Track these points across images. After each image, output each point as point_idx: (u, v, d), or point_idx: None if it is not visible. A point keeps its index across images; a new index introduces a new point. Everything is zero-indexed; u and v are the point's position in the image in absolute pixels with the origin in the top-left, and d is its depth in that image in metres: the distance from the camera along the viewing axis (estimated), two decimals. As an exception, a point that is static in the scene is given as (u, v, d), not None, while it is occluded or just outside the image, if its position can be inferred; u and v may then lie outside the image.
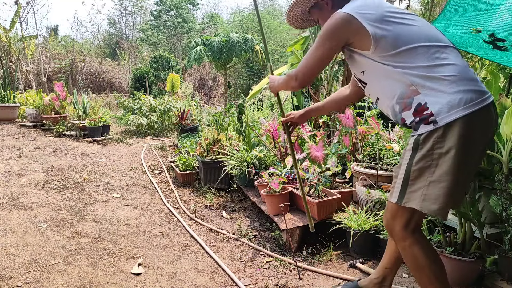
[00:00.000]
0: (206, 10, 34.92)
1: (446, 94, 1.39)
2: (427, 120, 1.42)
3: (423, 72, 1.44)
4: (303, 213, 3.13)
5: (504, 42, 2.82)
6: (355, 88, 2.02)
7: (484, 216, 2.37)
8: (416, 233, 1.55)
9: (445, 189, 1.40)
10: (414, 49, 1.48)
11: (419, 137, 1.44)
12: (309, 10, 1.88)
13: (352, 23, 1.53)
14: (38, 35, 13.67)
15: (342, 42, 1.61)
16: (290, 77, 1.82)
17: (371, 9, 1.54)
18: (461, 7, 2.90)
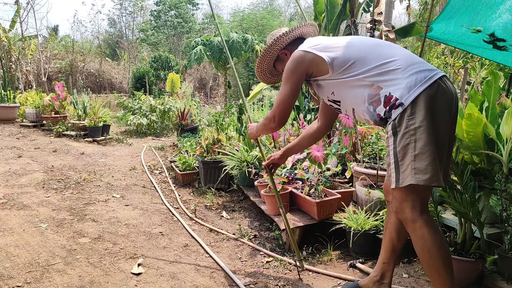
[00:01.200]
0: (206, 10, 34.91)
1: (403, 79, 1.60)
2: (395, 105, 1.61)
3: (377, 70, 1.67)
4: (303, 213, 3.13)
5: (504, 42, 2.82)
6: (323, 120, 2.20)
7: (484, 216, 2.37)
8: (424, 214, 1.62)
9: (429, 157, 1.54)
10: (362, 57, 1.72)
11: (394, 121, 1.61)
12: (274, 64, 2.15)
13: (307, 56, 1.81)
14: (38, 35, 13.66)
15: (304, 74, 1.85)
16: (268, 120, 1.99)
17: (318, 42, 1.84)
18: (461, 7, 2.90)
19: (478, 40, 3.05)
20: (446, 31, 3.35)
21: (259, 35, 18.18)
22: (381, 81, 1.65)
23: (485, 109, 2.47)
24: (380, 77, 1.65)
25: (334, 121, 2.23)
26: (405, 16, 28.66)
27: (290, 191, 3.27)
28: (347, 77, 1.74)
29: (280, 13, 26.73)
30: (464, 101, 4.97)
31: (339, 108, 1.92)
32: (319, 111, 2.21)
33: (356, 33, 4.53)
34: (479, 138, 2.28)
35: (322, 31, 4.95)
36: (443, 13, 3.11)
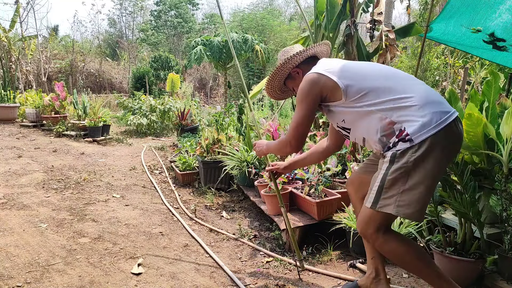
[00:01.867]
0: (206, 10, 34.91)
1: (418, 117, 1.60)
2: (404, 139, 1.61)
3: (393, 104, 1.65)
4: (303, 213, 3.13)
5: (504, 42, 2.82)
6: (333, 140, 2.19)
7: (484, 216, 2.37)
8: (386, 233, 1.68)
9: (418, 195, 1.59)
10: (378, 88, 1.70)
11: (396, 151, 1.62)
12: (284, 81, 2.11)
13: (321, 79, 1.78)
14: (38, 35, 13.65)
15: (318, 96, 1.81)
16: (283, 144, 1.96)
17: (333, 66, 1.81)
18: (461, 6, 2.90)
19: (478, 40, 3.05)
20: (446, 31, 3.35)
21: (259, 35, 18.16)
22: (396, 116, 1.64)
23: (485, 109, 2.47)
24: (395, 112, 1.64)
25: (343, 142, 2.20)
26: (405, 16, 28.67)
27: (290, 191, 3.27)
28: (360, 107, 1.72)
29: (280, 13, 26.72)
30: (464, 101, 4.97)
31: (347, 135, 1.90)
32: (329, 131, 2.19)
33: (356, 33, 4.53)
34: (479, 138, 2.28)
35: (322, 31, 4.95)
36: (443, 13, 3.11)
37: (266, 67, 16.00)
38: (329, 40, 4.87)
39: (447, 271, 2.17)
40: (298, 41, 5.59)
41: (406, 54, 13.04)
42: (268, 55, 13.28)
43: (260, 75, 17.34)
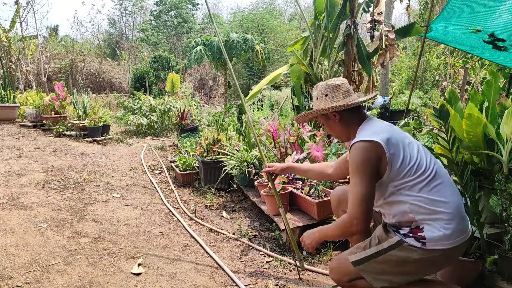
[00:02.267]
0: (206, 10, 34.91)
1: (441, 227, 1.58)
2: (418, 238, 1.60)
3: (424, 204, 1.60)
4: (303, 213, 3.13)
5: (504, 42, 2.82)
6: (338, 173, 2.15)
7: (484, 216, 2.37)
8: (360, 281, 1.74)
9: (397, 280, 1.67)
10: (415, 178, 1.62)
11: (405, 243, 1.62)
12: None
13: (377, 147, 1.63)
14: (38, 35, 13.66)
15: (375, 167, 1.64)
16: (346, 224, 1.67)
17: (388, 133, 1.67)
18: (461, 6, 2.90)
19: (478, 40, 3.05)
20: (446, 31, 3.35)
21: (259, 35, 18.16)
22: (422, 217, 1.60)
23: (485, 109, 2.47)
24: (422, 214, 1.60)
25: (347, 175, 2.13)
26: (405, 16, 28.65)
27: (290, 191, 3.27)
28: (392, 191, 1.66)
29: (280, 13, 26.72)
30: (464, 101, 4.97)
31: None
32: (338, 162, 2.12)
33: (356, 33, 4.53)
34: (479, 138, 2.28)
35: (322, 31, 4.95)
36: (443, 13, 3.11)
37: (266, 67, 16.00)
38: (329, 40, 4.88)
39: (447, 271, 2.18)
40: (298, 41, 5.60)
41: (406, 54, 13.04)
42: (268, 55, 13.27)
43: (260, 75, 17.34)
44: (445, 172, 1.71)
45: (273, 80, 5.42)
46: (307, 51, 5.39)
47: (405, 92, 10.72)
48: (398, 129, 1.81)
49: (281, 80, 14.59)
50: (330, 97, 1.84)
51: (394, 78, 13.06)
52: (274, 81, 5.46)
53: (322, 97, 1.87)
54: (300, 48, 5.53)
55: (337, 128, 1.89)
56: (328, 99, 1.84)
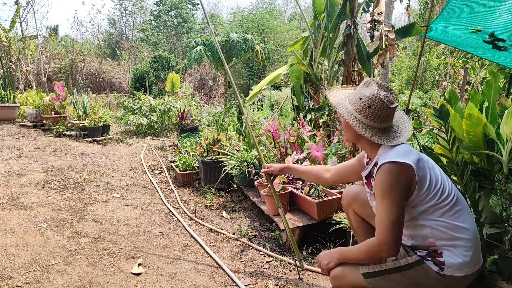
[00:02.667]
0: (206, 10, 34.91)
1: (461, 256, 1.55)
2: (436, 263, 1.57)
3: (446, 229, 1.56)
4: (303, 213, 3.13)
5: (504, 42, 2.81)
6: (335, 179, 2.09)
7: (484, 216, 2.37)
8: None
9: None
10: (439, 202, 1.57)
11: (424, 264, 1.58)
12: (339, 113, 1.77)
13: (409, 170, 1.54)
14: (38, 35, 13.66)
15: (406, 190, 1.56)
16: (374, 249, 1.56)
17: (413, 154, 1.59)
18: (461, 6, 2.90)
19: (478, 40, 3.05)
20: (446, 31, 3.34)
21: (259, 35, 18.16)
22: (442, 243, 1.57)
23: (485, 109, 2.48)
24: (446, 240, 1.57)
25: (346, 182, 2.11)
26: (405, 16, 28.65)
27: (290, 191, 3.27)
28: (417, 213, 1.59)
29: (280, 13, 26.72)
30: (464, 101, 4.97)
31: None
32: (337, 168, 2.05)
33: (356, 33, 4.53)
34: (479, 138, 2.28)
35: (322, 31, 4.95)
36: (443, 13, 3.11)
37: (266, 67, 16.00)
38: (329, 40, 4.88)
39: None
40: (298, 41, 5.60)
41: (406, 54, 13.04)
42: (268, 55, 13.28)
43: (260, 75, 17.34)
44: (463, 198, 1.69)
45: (273, 80, 5.42)
46: (307, 51, 5.39)
47: (405, 92, 10.72)
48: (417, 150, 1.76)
49: (281, 80, 14.59)
50: (371, 114, 1.61)
51: (394, 78, 13.06)
52: (274, 81, 5.46)
53: (364, 105, 1.62)
54: (300, 48, 5.52)
55: (363, 142, 1.71)
56: (369, 115, 1.62)
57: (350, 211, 2.05)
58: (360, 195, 1.96)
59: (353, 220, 2.05)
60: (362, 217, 2.00)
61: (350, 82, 4.66)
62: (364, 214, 1.98)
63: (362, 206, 1.96)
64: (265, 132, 4.17)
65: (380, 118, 1.62)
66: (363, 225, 2.01)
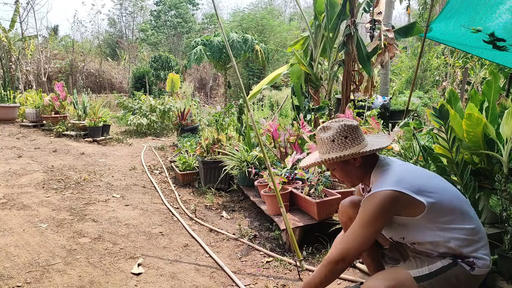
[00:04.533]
0: (206, 10, 34.89)
1: (485, 255, 1.58)
2: (469, 263, 1.57)
3: (466, 236, 1.56)
4: (303, 213, 3.13)
5: (504, 42, 2.81)
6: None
7: (484, 216, 2.37)
8: None
9: None
10: (454, 216, 1.57)
11: (458, 265, 1.57)
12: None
13: (401, 198, 1.53)
14: (38, 35, 13.66)
15: (391, 218, 1.59)
16: (332, 263, 1.59)
17: (411, 182, 1.57)
18: (461, 6, 2.90)
19: (478, 40, 3.05)
20: (446, 31, 3.35)
21: (259, 35, 18.16)
22: (467, 251, 1.57)
23: (485, 109, 2.47)
24: (471, 246, 1.57)
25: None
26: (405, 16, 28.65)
27: (290, 191, 3.27)
28: (430, 228, 1.57)
29: (280, 13, 26.73)
30: (464, 101, 4.97)
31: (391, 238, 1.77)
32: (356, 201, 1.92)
33: (356, 33, 4.53)
34: (479, 138, 2.28)
35: (322, 31, 4.95)
36: (443, 13, 3.11)
37: (266, 67, 16.00)
38: (329, 40, 4.88)
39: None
40: (299, 41, 5.60)
41: (406, 54, 13.04)
42: (268, 55, 13.27)
43: (260, 75, 17.34)
44: (462, 195, 1.69)
45: (273, 80, 5.42)
46: (307, 51, 5.39)
47: (405, 92, 10.72)
48: (413, 165, 1.77)
49: (281, 80, 14.60)
50: (350, 140, 1.67)
51: (394, 78, 13.06)
52: (274, 81, 5.46)
53: (340, 140, 1.67)
54: (300, 48, 5.53)
55: (354, 172, 1.72)
56: (349, 141, 1.67)
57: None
58: (355, 200, 1.91)
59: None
60: None
61: (350, 82, 4.66)
62: None
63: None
64: (265, 132, 4.17)
65: (358, 138, 1.70)
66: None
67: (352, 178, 1.77)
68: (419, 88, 10.69)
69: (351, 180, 1.79)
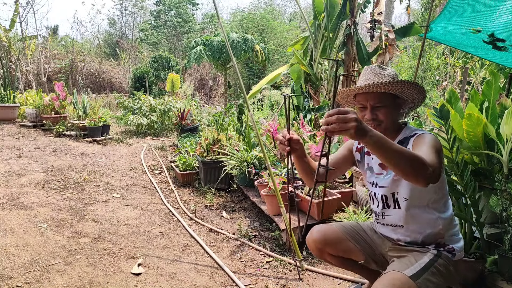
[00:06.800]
0: (206, 10, 34.91)
1: (460, 240, 1.64)
2: (449, 250, 1.61)
3: (449, 222, 1.61)
4: (303, 213, 3.13)
5: (504, 42, 2.81)
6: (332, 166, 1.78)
7: (484, 216, 2.37)
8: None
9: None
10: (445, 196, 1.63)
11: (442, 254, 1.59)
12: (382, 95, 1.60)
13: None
14: (38, 35, 13.67)
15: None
16: (424, 164, 1.29)
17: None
18: (461, 7, 2.90)
19: (478, 41, 3.05)
20: (446, 31, 3.34)
21: (259, 35, 18.16)
22: (448, 234, 1.61)
23: (485, 109, 2.47)
24: (449, 230, 1.62)
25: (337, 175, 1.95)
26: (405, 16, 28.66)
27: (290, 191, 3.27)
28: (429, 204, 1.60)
29: (280, 13, 26.73)
30: (464, 101, 4.97)
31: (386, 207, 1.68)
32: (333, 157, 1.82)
33: (356, 33, 4.53)
34: (479, 138, 2.28)
35: (322, 31, 4.95)
36: (443, 13, 3.11)
37: (266, 67, 16.01)
38: (329, 40, 4.88)
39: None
40: (299, 41, 5.60)
41: (407, 54, 13.04)
42: (268, 55, 13.27)
43: (260, 75, 17.34)
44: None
45: (273, 80, 5.42)
46: (307, 51, 5.39)
47: (405, 92, 10.68)
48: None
49: (281, 80, 14.60)
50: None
51: (394, 78, 13.02)
52: (274, 81, 5.47)
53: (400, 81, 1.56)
54: (300, 48, 5.53)
55: (394, 117, 1.64)
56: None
57: (327, 256, 1.86)
58: (327, 235, 1.80)
59: (336, 263, 1.89)
60: (340, 256, 1.83)
61: (350, 82, 4.66)
62: (341, 251, 1.81)
63: (335, 244, 1.79)
64: (265, 132, 4.16)
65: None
66: (348, 261, 1.86)
67: (389, 122, 1.61)
68: (419, 88, 10.65)
69: (387, 124, 1.61)
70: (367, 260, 1.81)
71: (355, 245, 1.76)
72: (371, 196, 1.76)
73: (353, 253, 1.80)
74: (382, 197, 1.68)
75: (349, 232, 1.82)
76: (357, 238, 1.80)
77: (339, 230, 1.81)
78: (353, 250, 1.77)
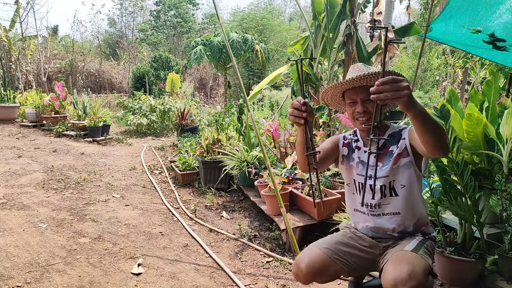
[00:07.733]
0: (206, 10, 34.90)
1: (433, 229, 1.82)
2: (432, 238, 1.75)
3: (425, 212, 1.77)
4: (303, 213, 3.13)
5: (504, 42, 2.81)
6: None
7: (484, 216, 2.37)
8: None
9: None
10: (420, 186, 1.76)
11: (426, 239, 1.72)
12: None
13: None
14: (38, 35, 13.66)
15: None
16: (445, 133, 1.57)
17: None
18: (461, 7, 2.90)
19: (478, 40, 3.05)
20: (446, 31, 3.34)
21: (259, 35, 18.16)
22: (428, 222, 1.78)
23: (485, 109, 2.47)
24: (427, 218, 1.80)
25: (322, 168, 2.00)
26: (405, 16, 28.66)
27: (290, 191, 3.27)
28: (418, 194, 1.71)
29: (279, 13, 26.73)
30: (464, 101, 4.97)
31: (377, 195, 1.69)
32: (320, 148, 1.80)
33: (356, 33, 4.53)
34: (479, 138, 2.28)
35: (322, 31, 4.95)
36: (443, 13, 3.11)
37: (266, 67, 16.01)
38: (329, 40, 4.87)
39: (447, 271, 2.17)
40: (299, 41, 5.60)
41: (407, 54, 13.04)
42: (268, 55, 13.27)
43: (260, 75, 17.34)
44: None
45: (273, 80, 5.42)
46: (307, 51, 5.39)
47: (405, 92, 10.67)
48: None
49: (281, 80, 14.60)
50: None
51: (394, 78, 13.01)
52: (274, 81, 5.46)
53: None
54: (300, 48, 5.52)
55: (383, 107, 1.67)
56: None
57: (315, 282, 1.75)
58: (315, 266, 1.64)
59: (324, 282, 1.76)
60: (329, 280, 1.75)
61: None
62: (330, 277, 1.71)
63: (324, 272, 1.68)
64: (265, 132, 4.16)
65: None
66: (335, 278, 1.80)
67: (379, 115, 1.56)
68: (419, 88, 10.69)
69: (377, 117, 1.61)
70: (355, 274, 1.87)
71: (342, 267, 1.67)
72: (367, 190, 1.72)
73: (341, 273, 1.74)
74: (381, 188, 1.68)
75: (336, 251, 1.70)
76: (344, 258, 1.69)
77: (325, 254, 1.67)
78: (341, 271, 1.70)
